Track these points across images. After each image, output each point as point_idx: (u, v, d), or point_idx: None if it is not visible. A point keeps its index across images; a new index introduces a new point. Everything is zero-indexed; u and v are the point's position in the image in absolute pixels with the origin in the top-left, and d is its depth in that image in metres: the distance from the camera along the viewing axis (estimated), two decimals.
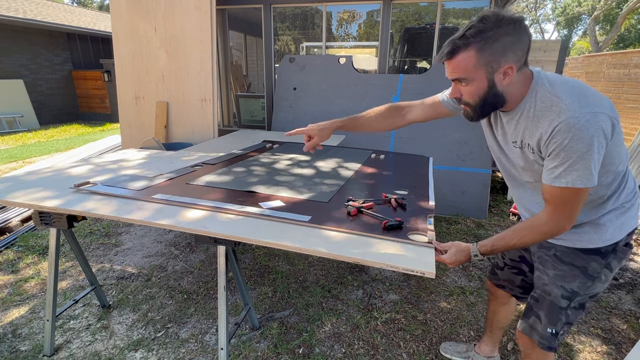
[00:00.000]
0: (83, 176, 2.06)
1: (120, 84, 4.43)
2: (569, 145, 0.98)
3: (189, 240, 3.18)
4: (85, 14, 13.74)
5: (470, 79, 1.05)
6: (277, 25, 5.47)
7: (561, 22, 24.31)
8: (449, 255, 1.28)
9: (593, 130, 0.96)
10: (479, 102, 1.09)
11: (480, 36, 0.99)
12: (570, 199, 1.05)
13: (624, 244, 1.20)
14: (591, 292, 1.23)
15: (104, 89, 10.86)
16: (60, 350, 1.94)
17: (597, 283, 1.22)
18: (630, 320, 2.25)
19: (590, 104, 0.98)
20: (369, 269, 2.74)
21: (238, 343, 2.00)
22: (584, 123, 0.96)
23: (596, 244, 1.18)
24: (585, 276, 1.21)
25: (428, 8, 5.21)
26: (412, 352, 1.96)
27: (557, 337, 1.28)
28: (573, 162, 0.99)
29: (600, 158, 1.00)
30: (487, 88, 1.05)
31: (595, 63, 8.75)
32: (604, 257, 1.19)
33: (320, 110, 4.47)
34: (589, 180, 1.00)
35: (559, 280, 1.25)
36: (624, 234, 1.18)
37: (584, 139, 0.96)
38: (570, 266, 1.23)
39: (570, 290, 1.23)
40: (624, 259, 1.22)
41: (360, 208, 1.56)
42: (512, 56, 1.00)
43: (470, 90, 1.08)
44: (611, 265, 1.20)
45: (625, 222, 1.18)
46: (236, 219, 1.49)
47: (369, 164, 2.49)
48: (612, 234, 1.17)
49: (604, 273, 1.21)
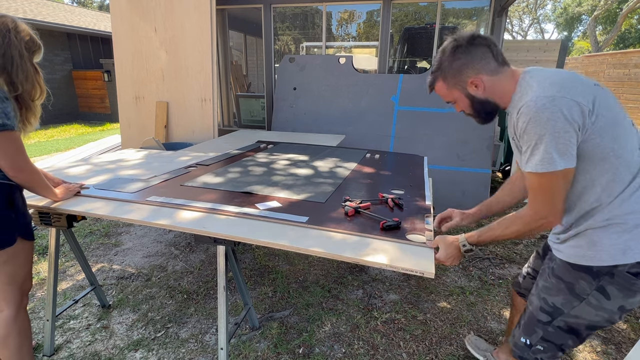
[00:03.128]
0: (81, 176, 2.06)
1: (120, 84, 4.44)
2: (527, 128, 1.03)
3: (189, 240, 3.18)
4: (85, 14, 13.75)
5: (454, 99, 1.25)
6: (277, 25, 5.47)
7: (561, 22, 24.30)
8: (440, 252, 1.28)
9: (549, 114, 0.99)
10: (473, 112, 1.25)
11: (439, 68, 1.21)
12: (543, 185, 1.05)
13: (632, 272, 1.04)
14: (579, 315, 1.14)
15: (104, 89, 10.86)
16: (60, 350, 1.94)
17: (587, 307, 1.12)
18: (630, 320, 2.25)
19: (556, 90, 1.01)
20: (369, 269, 2.75)
21: (238, 343, 2.00)
22: (540, 106, 1.00)
23: (589, 262, 1.09)
24: (571, 294, 1.14)
25: (428, 8, 5.21)
26: (412, 352, 1.96)
27: (531, 349, 1.25)
28: (534, 146, 1.03)
29: (567, 143, 0.99)
30: (469, 101, 1.22)
31: (595, 63, 8.75)
32: (595, 278, 1.09)
33: (320, 110, 4.47)
34: (551, 164, 1.00)
35: (543, 292, 1.23)
36: (630, 260, 1.04)
37: (540, 122, 1.00)
38: (558, 280, 1.18)
39: (552, 305, 1.19)
40: (633, 291, 1.06)
41: (357, 208, 1.56)
42: (469, 72, 1.16)
43: (461, 106, 1.26)
44: (607, 291, 1.08)
45: (632, 247, 1.03)
46: (235, 219, 1.50)
47: (365, 164, 2.49)
48: (612, 256, 1.05)
49: (594, 296, 1.10)
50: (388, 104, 4.22)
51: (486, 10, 4.75)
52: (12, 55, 1.34)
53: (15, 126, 1.33)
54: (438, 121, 4.04)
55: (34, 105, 1.45)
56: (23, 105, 1.41)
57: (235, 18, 5.90)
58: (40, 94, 1.46)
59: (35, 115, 1.46)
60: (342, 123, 4.32)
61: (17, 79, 1.35)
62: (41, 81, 1.45)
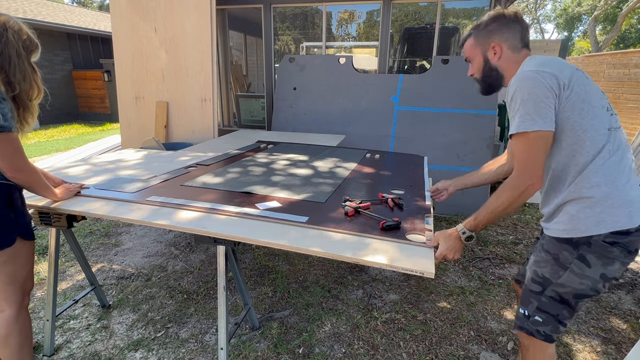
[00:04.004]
0: (81, 176, 2.06)
1: (120, 84, 4.43)
2: (514, 96, 1.19)
3: (189, 240, 3.18)
4: (85, 14, 13.75)
5: (472, 58, 1.41)
6: (277, 25, 5.47)
7: (561, 22, 24.30)
8: (440, 246, 1.29)
9: (532, 82, 1.16)
10: (481, 76, 1.40)
11: (476, 28, 1.39)
12: (524, 146, 1.18)
13: (608, 241, 1.17)
14: (566, 283, 1.24)
15: (104, 89, 10.86)
16: (60, 350, 1.94)
17: (571, 275, 1.22)
18: (630, 320, 2.25)
19: (539, 65, 1.19)
20: (368, 269, 2.74)
21: (238, 343, 2.00)
22: (525, 77, 1.18)
23: (569, 234, 1.22)
24: (557, 264, 1.26)
25: (428, 8, 5.21)
26: (412, 352, 1.96)
27: (529, 320, 1.33)
28: (518, 109, 1.17)
29: (547, 108, 1.14)
30: (483, 63, 1.38)
31: (595, 63, 8.75)
32: (575, 248, 1.21)
33: (320, 110, 4.47)
34: (532, 124, 1.14)
35: (534, 265, 1.34)
36: (603, 230, 1.16)
37: (523, 88, 1.17)
38: (546, 253, 1.29)
39: (542, 276, 1.30)
40: (610, 258, 1.18)
41: (357, 208, 1.56)
42: (497, 38, 1.32)
43: (474, 66, 1.42)
44: (587, 259, 1.19)
45: (605, 219, 1.16)
46: (235, 220, 1.50)
47: (365, 164, 2.49)
48: (587, 227, 1.18)
49: (576, 265, 1.21)
50: (388, 104, 4.22)
51: (486, 10, 4.75)
52: (10, 55, 1.34)
53: (13, 127, 1.33)
54: (438, 121, 4.04)
55: (32, 105, 1.44)
56: (20, 105, 1.40)
57: (235, 18, 5.90)
58: (38, 93, 1.45)
59: (33, 115, 1.46)
60: (342, 123, 4.32)
61: (14, 79, 1.35)
62: (39, 81, 1.45)
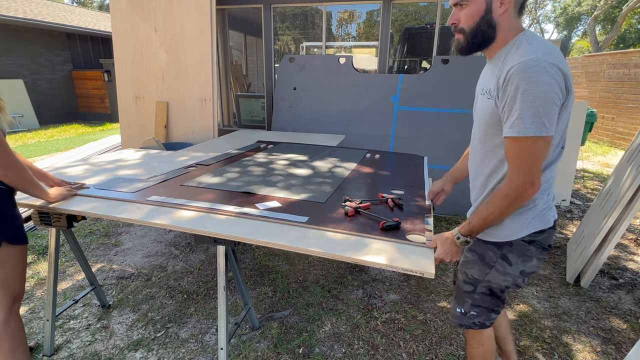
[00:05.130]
0: (80, 176, 2.06)
1: (120, 84, 4.43)
2: (520, 85, 0.99)
3: (189, 240, 3.18)
4: (85, 14, 13.74)
5: (469, 0, 1.10)
6: (277, 25, 5.47)
7: (561, 22, 24.29)
8: (437, 249, 1.29)
9: (547, 78, 0.97)
10: (473, 27, 1.12)
11: None
12: (525, 151, 1.03)
13: (526, 240, 1.20)
14: (492, 280, 1.28)
15: (104, 89, 10.86)
16: (60, 350, 1.94)
17: (495, 273, 1.27)
18: (630, 320, 2.25)
19: (550, 56, 1.00)
20: (369, 269, 2.74)
21: (238, 343, 2.00)
22: (540, 68, 0.98)
23: (493, 238, 1.24)
24: (483, 264, 1.28)
25: (428, 8, 5.21)
26: (412, 352, 1.96)
27: (466, 316, 1.38)
28: (523, 106, 0.99)
29: (555, 110, 1.00)
30: (483, 12, 1.09)
31: (595, 63, 8.75)
32: (498, 248, 1.25)
33: (320, 110, 4.47)
34: (539, 129, 0.99)
35: (463, 267, 1.36)
36: (526, 232, 1.19)
37: (538, 83, 0.97)
38: (473, 253, 1.32)
39: (471, 277, 1.33)
40: (528, 256, 1.22)
41: (357, 208, 1.56)
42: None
43: (467, 13, 1.12)
44: (508, 258, 1.23)
45: (527, 223, 1.18)
46: (235, 219, 1.50)
47: (365, 164, 2.49)
48: (512, 232, 1.20)
49: (499, 264, 1.25)
50: (388, 104, 4.22)
51: None
52: None
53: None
54: (438, 121, 4.04)
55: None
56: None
57: (235, 18, 5.90)
58: None
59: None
60: (342, 123, 4.32)
61: None
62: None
